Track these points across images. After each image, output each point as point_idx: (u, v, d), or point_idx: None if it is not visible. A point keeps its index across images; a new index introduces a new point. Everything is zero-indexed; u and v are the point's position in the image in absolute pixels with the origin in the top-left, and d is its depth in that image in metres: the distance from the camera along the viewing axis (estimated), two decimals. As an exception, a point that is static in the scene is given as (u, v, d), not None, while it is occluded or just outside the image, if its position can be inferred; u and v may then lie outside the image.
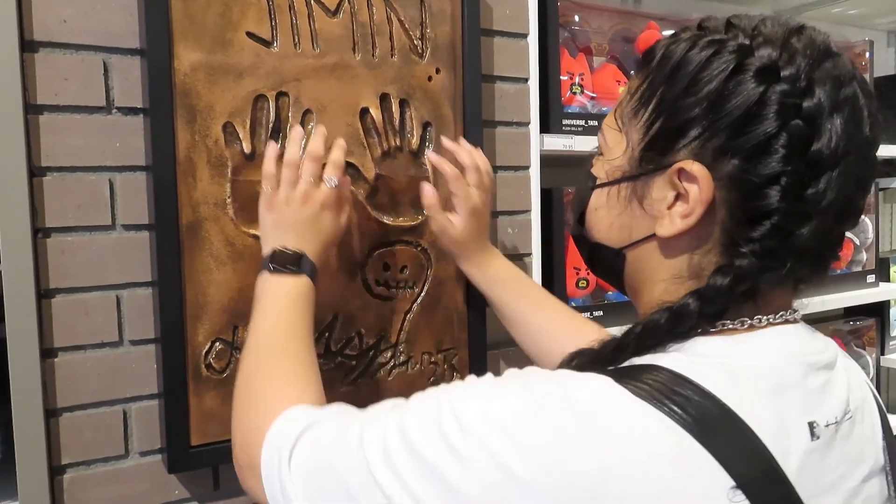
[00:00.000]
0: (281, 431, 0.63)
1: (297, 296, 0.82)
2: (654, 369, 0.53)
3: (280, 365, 0.76)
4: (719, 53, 0.55)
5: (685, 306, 0.56)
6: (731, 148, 0.54)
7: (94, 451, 0.93)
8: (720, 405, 0.50)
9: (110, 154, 0.92)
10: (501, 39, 1.21)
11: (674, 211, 0.57)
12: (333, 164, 0.89)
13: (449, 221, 1.00)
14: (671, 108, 0.57)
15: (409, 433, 0.53)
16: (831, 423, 0.55)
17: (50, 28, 0.88)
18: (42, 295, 0.89)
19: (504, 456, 0.49)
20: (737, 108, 0.53)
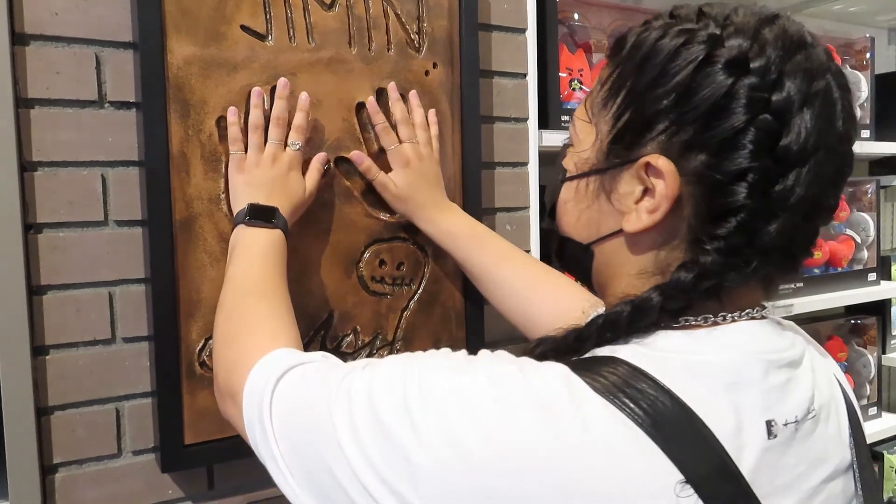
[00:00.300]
0: (263, 371, 0.64)
1: (272, 246, 0.85)
2: (612, 362, 0.53)
3: (260, 304, 0.77)
4: (689, 43, 0.53)
5: (647, 300, 0.55)
6: (698, 142, 0.53)
7: (86, 450, 0.92)
8: (675, 400, 0.50)
9: (103, 149, 0.90)
10: (500, 34, 1.19)
11: (640, 206, 0.56)
12: (297, 129, 0.94)
13: (389, 179, 1.01)
14: (639, 99, 0.56)
15: (374, 397, 0.53)
16: (791, 422, 0.54)
17: (41, 21, 0.86)
18: (33, 292, 0.88)
19: (460, 433, 0.49)
20: (704, 101, 0.52)
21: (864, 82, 1.76)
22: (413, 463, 0.49)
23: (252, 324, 0.74)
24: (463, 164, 1.11)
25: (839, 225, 1.80)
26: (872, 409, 1.88)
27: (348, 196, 1.03)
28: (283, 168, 0.92)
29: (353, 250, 1.03)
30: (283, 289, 0.82)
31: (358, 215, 1.04)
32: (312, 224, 1.00)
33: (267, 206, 0.87)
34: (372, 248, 1.05)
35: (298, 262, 0.99)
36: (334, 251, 1.02)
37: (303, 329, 0.99)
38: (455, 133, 1.11)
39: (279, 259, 0.85)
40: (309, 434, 0.57)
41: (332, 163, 1.01)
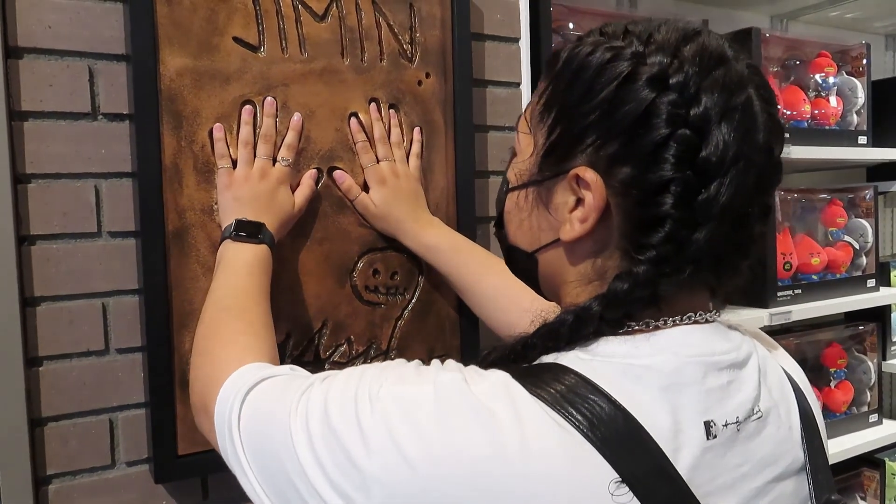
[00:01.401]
0: (234, 384, 0.65)
1: (257, 262, 0.86)
2: (555, 368, 0.55)
3: (237, 319, 0.79)
4: (614, 60, 0.55)
5: (587, 309, 0.56)
6: (623, 155, 0.55)
7: (79, 461, 0.92)
8: (613, 403, 0.52)
9: (96, 160, 0.91)
10: (493, 44, 1.20)
11: (573, 215, 0.58)
12: (287, 146, 0.96)
13: (368, 199, 1.03)
14: (569, 114, 0.58)
15: (329, 408, 0.55)
16: (731, 423, 0.55)
17: (35, 34, 0.87)
18: (26, 303, 0.88)
19: (403, 439, 0.50)
20: (628, 116, 0.54)
21: (861, 89, 1.76)
22: (363, 470, 0.51)
23: (226, 339, 0.76)
24: (456, 173, 1.12)
25: (837, 231, 1.80)
26: (873, 415, 1.87)
27: (341, 205, 1.03)
28: (272, 183, 0.93)
29: (346, 259, 1.04)
30: (264, 304, 0.83)
31: (351, 224, 1.04)
32: (306, 233, 1.00)
33: (253, 222, 0.88)
34: (366, 257, 1.05)
35: (291, 271, 0.99)
36: (328, 260, 1.02)
37: (297, 339, 1.00)
38: (448, 142, 1.11)
39: (263, 274, 0.86)
40: (271, 444, 0.58)
41: (326, 172, 1.01)
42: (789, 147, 1.55)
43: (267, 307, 0.83)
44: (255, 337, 0.77)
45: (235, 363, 0.69)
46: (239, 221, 0.88)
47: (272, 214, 0.91)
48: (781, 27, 1.97)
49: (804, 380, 0.67)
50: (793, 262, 1.65)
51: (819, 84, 1.73)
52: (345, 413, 0.54)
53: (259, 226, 0.88)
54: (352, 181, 1.02)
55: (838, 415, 1.79)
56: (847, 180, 2.09)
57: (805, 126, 1.67)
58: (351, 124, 1.02)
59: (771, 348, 0.67)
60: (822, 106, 1.71)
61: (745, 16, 1.87)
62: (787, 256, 1.64)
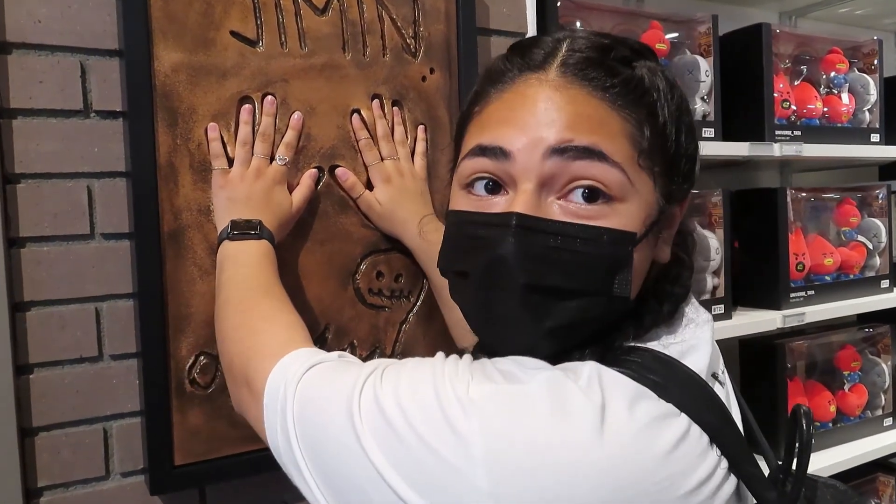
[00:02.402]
0: (287, 368, 0.62)
1: (263, 254, 0.83)
2: (634, 351, 0.57)
3: (267, 299, 0.76)
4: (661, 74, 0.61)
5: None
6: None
7: (72, 473, 0.88)
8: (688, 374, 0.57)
9: (88, 159, 0.88)
10: (499, 38, 1.16)
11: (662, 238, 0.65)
12: (286, 145, 0.93)
13: (373, 197, 0.99)
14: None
15: (408, 412, 0.51)
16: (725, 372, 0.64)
17: (24, 29, 0.84)
18: (16, 308, 0.85)
19: (512, 436, 0.49)
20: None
21: (873, 86, 1.73)
22: (466, 477, 0.48)
23: (267, 315, 0.74)
24: (462, 171, 1.08)
25: (850, 231, 1.76)
26: (888, 419, 1.82)
27: (343, 205, 0.99)
28: (268, 182, 0.89)
29: (349, 261, 1.00)
30: (283, 290, 0.81)
31: (354, 225, 1.00)
32: (306, 235, 0.97)
33: (251, 220, 0.85)
34: (369, 259, 1.02)
35: (292, 274, 0.95)
36: (330, 263, 0.99)
37: (297, 344, 0.96)
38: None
39: (272, 266, 0.83)
40: (330, 438, 0.55)
41: (327, 171, 0.98)
42: (801, 145, 1.51)
43: (284, 292, 0.80)
44: (291, 315, 0.74)
45: (284, 344, 0.66)
46: (235, 221, 0.85)
47: (269, 214, 0.88)
48: (790, 24, 1.94)
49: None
50: (805, 262, 1.61)
51: (831, 81, 1.69)
52: (431, 419, 0.50)
53: (256, 223, 0.85)
54: (356, 179, 0.99)
55: (852, 419, 1.75)
56: (859, 179, 2.05)
57: (817, 124, 1.63)
58: (353, 121, 0.99)
59: None
60: (834, 103, 1.67)
61: (753, 13, 1.84)
62: (800, 257, 1.60)
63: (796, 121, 1.60)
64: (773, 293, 1.57)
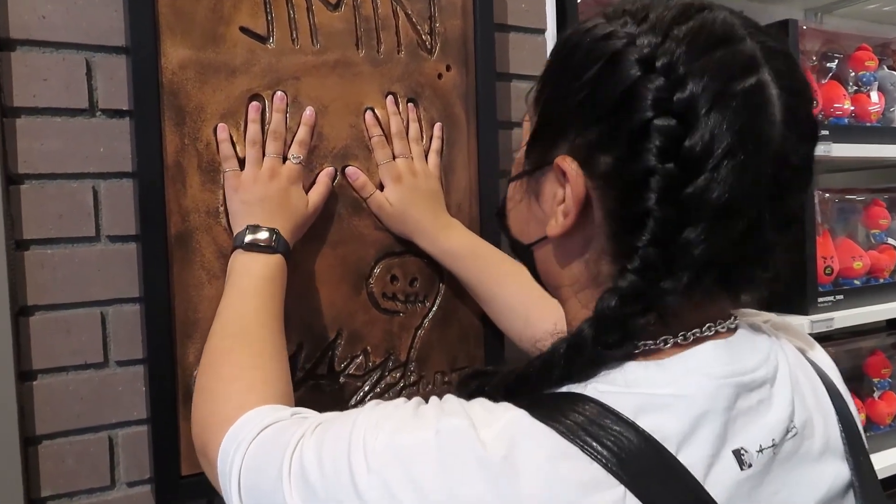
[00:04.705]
0: (235, 437, 0.61)
1: (269, 275, 0.80)
2: (575, 399, 0.49)
3: (244, 352, 0.73)
4: (605, 40, 0.51)
5: (579, 336, 0.51)
6: (603, 143, 0.50)
7: (77, 482, 0.85)
8: (641, 435, 0.47)
9: (94, 160, 0.85)
10: (517, 35, 1.13)
11: (559, 209, 0.53)
12: (299, 143, 0.90)
13: (384, 197, 0.96)
14: (555, 99, 0.54)
15: (323, 463, 0.51)
16: (767, 448, 0.50)
17: (28, 25, 0.81)
18: (19, 312, 0.82)
19: (399, 495, 0.46)
20: (609, 99, 0.49)
21: (904, 83, 1.67)
22: None
23: (229, 377, 0.70)
24: (479, 172, 1.04)
25: (880, 234, 1.70)
26: (919, 429, 1.77)
27: (356, 207, 0.96)
28: (283, 183, 0.86)
29: (362, 265, 0.97)
30: (274, 326, 0.77)
31: (367, 227, 0.97)
32: (319, 237, 0.94)
33: (266, 229, 0.82)
34: (383, 262, 0.98)
35: (304, 277, 0.92)
36: (342, 266, 0.95)
37: (309, 350, 0.93)
38: (471, 139, 1.04)
39: (275, 289, 0.80)
40: (266, 498, 0.55)
41: (339, 171, 0.95)
42: (829, 145, 1.46)
43: (278, 328, 0.77)
44: (260, 371, 0.71)
45: (238, 409, 0.64)
46: (249, 229, 0.82)
47: (285, 217, 0.85)
48: (816, 20, 1.89)
49: (840, 378, 0.61)
50: (834, 266, 1.56)
51: (859, 79, 1.64)
52: (339, 472, 0.50)
53: (271, 233, 0.82)
54: (366, 178, 0.95)
55: (882, 427, 1.69)
56: (889, 180, 2.00)
57: (845, 123, 1.58)
58: (366, 118, 0.96)
59: (803, 345, 0.61)
60: (863, 102, 1.62)
61: (778, 9, 1.79)
62: (828, 260, 1.55)
63: (824, 120, 1.55)
64: (801, 298, 1.52)
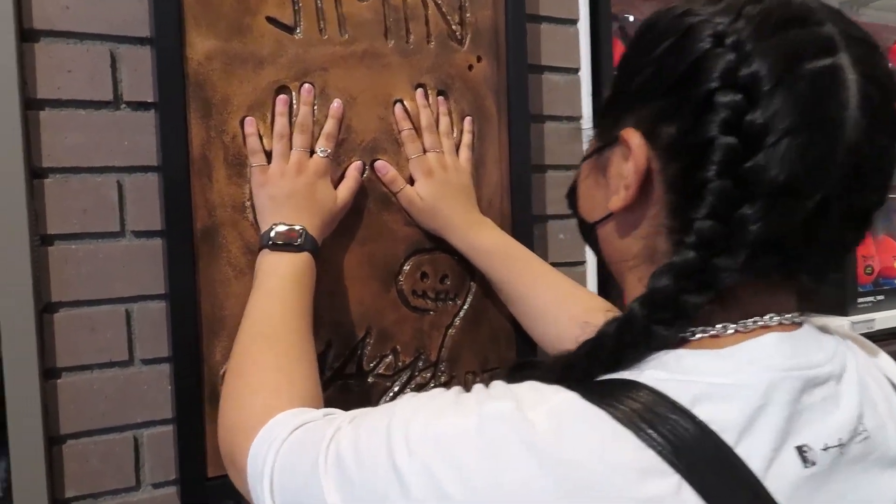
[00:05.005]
0: (265, 440, 0.60)
1: (297, 274, 0.78)
2: (629, 386, 0.48)
3: (271, 354, 0.71)
4: (680, 18, 0.51)
5: (631, 316, 0.50)
6: (668, 113, 0.50)
7: (101, 483, 0.83)
8: (699, 425, 0.45)
9: (118, 153, 0.83)
10: (549, 26, 1.10)
11: (622, 184, 0.54)
12: (326, 136, 0.88)
13: (414, 192, 0.93)
14: (625, 75, 0.55)
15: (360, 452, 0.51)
16: (833, 446, 0.48)
17: (51, 15, 0.80)
18: (43, 309, 0.80)
19: (445, 482, 0.45)
20: (677, 71, 0.50)
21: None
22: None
23: (256, 381, 0.69)
24: (511, 167, 1.01)
25: (923, 231, 1.65)
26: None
27: (386, 202, 0.94)
28: (310, 177, 0.84)
29: (391, 262, 0.94)
30: (301, 326, 0.75)
31: (397, 223, 0.94)
32: (347, 233, 0.91)
33: (293, 227, 0.80)
34: (412, 259, 0.95)
35: (333, 274, 0.90)
36: (371, 263, 0.93)
37: (338, 349, 0.91)
38: (502, 133, 1.01)
39: (302, 288, 0.78)
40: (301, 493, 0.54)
41: (368, 166, 0.92)
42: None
43: (306, 329, 0.75)
44: (287, 374, 0.69)
45: (265, 413, 0.62)
46: (276, 226, 0.80)
47: (312, 213, 0.82)
48: (853, 12, 1.83)
49: None
50: (874, 265, 1.51)
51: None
52: (378, 458, 0.49)
53: (299, 231, 0.80)
54: (395, 172, 0.93)
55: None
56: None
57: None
58: (396, 112, 0.93)
59: (871, 353, 0.59)
60: (904, 95, 1.56)
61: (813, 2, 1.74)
62: (868, 260, 1.51)
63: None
64: (841, 299, 1.47)
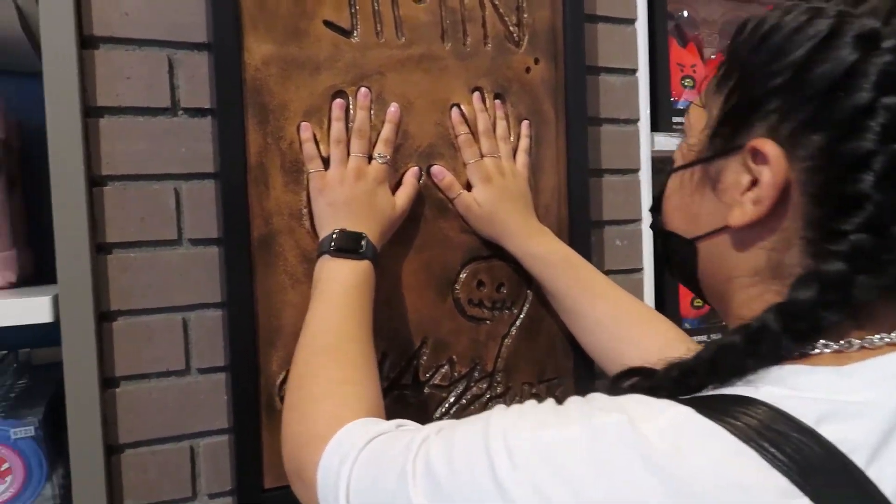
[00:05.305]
0: (337, 452, 0.58)
1: (358, 282, 0.77)
2: (746, 402, 0.45)
3: (333, 366, 0.70)
4: (814, 20, 0.48)
5: (765, 325, 0.47)
6: (815, 122, 0.47)
7: (159, 493, 0.83)
8: (826, 446, 0.42)
9: (176, 160, 0.82)
10: (606, 26, 1.06)
11: (746, 197, 0.51)
12: (384, 141, 0.86)
13: (472, 198, 0.91)
14: (750, 79, 0.51)
15: (455, 463, 0.48)
16: None
17: (111, 22, 0.79)
18: (102, 317, 0.80)
19: (553, 495, 0.43)
20: (826, 76, 0.46)
21: None
22: None
23: (320, 392, 0.67)
24: (568, 171, 0.98)
25: None
26: None
27: (442, 208, 0.92)
28: (370, 184, 0.82)
29: (448, 270, 0.92)
30: (363, 336, 0.74)
31: (453, 230, 0.92)
32: (403, 241, 0.89)
33: (353, 233, 0.79)
34: (469, 266, 0.93)
35: (388, 283, 0.88)
36: (428, 271, 0.91)
37: (394, 359, 0.89)
38: (559, 137, 0.98)
39: (362, 297, 0.76)
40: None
41: (425, 171, 0.90)
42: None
43: (367, 339, 0.74)
44: (352, 384, 0.67)
45: (333, 424, 0.61)
46: (336, 233, 0.78)
47: (372, 220, 0.81)
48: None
49: None
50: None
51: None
52: (476, 470, 0.46)
53: (359, 237, 0.78)
54: (453, 178, 0.91)
55: None
56: None
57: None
58: (452, 116, 0.91)
59: None
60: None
61: None
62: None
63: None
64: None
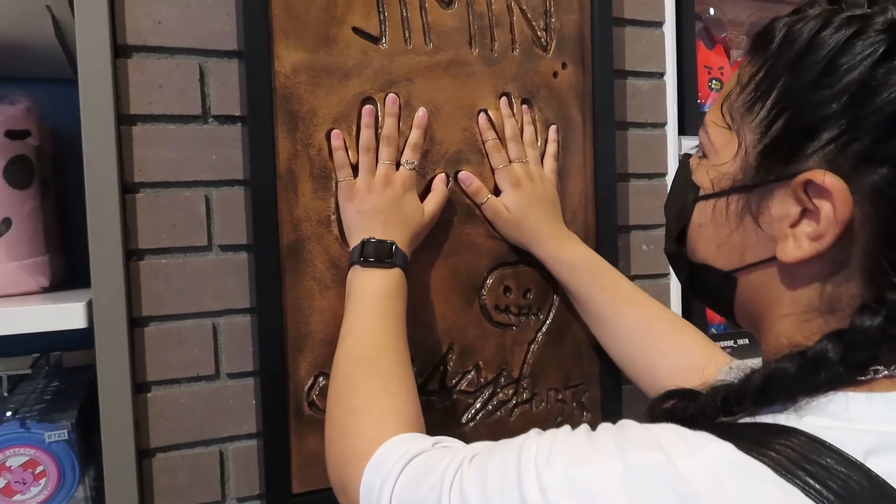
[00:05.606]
0: (378, 471, 0.58)
1: (390, 291, 0.77)
2: (787, 432, 0.44)
3: (372, 378, 0.70)
4: (862, 33, 0.45)
5: (823, 353, 0.45)
6: (879, 154, 0.44)
7: (189, 497, 0.84)
8: (875, 481, 0.40)
9: (206, 167, 0.83)
10: (633, 29, 1.06)
11: (799, 231, 0.48)
12: (412, 147, 0.86)
13: (500, 203, 0.91)
14: (798, 102, 0.47)
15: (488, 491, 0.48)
16: None
17: (143, 30, 0.80)
18: (134, 323, 0.81)
19: None
20: (888, 103, 0.44)
21: None
22: None
23: (360, 407, 0.67)
24: (595, 176, 0.98)
25: None
26: None
27: (468, 214, 0.92)
28: (398, 191, 0.83)
29: (474, 276, 0.92)
30: (399, 345, 0.74)
31: (480, 236, 0.92)
32: (429, 247, 0.89)
33: (383, 242, 0.79)
34: (496, 272, 0.93)
35: (417, 289, 0.88)
36: (454, 277, 0.91)
37: (421, 365, 0.89)
38: (587, 141, 0.98)
39: (397, 306, 0.77)
40: None
41: (452, 178, 0.90)
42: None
43: (403, 348, 0.74)
44: (391, 398, 0.67)
45: (374, 440, 0.61)
46: (366, 242, 0.79)
47: (402, 227, 0.81)
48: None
49: None
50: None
51: None
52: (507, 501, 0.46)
53: (390, 246, 0.79)
54: (480, 183, 0.91)
55: None
56: None
57: None
58: (480, 122, 0.91)
59: None
60: None
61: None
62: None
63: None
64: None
